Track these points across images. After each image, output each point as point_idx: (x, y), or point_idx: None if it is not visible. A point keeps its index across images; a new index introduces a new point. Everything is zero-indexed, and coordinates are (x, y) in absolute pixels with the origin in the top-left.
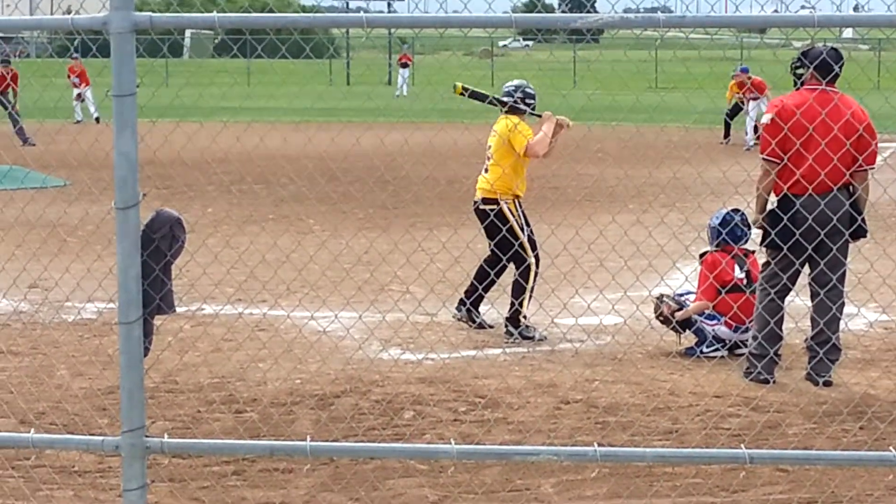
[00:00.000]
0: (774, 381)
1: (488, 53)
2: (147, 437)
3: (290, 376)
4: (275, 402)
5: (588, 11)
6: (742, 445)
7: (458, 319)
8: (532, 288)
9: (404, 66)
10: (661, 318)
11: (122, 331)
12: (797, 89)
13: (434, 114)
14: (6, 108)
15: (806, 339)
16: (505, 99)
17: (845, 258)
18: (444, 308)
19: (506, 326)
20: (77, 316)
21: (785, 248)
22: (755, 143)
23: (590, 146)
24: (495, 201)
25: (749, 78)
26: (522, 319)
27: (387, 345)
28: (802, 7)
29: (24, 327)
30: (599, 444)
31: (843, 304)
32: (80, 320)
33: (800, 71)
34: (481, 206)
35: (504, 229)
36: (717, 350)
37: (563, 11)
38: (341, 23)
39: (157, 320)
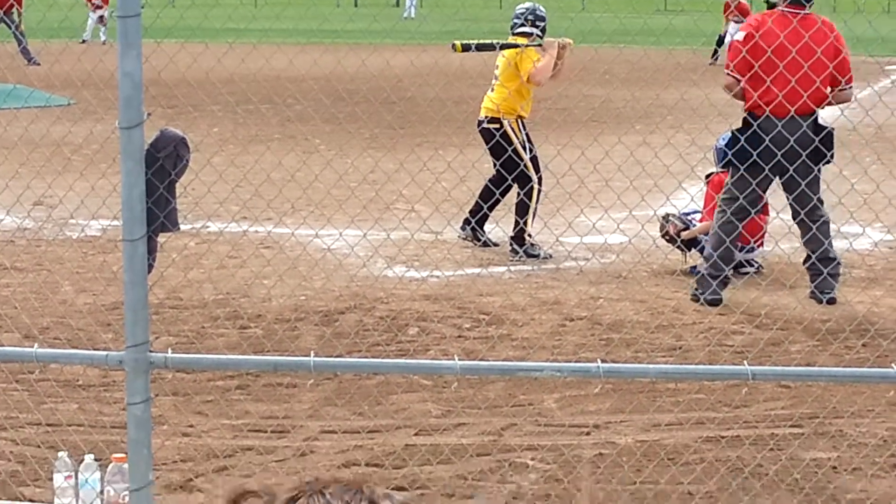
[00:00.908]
0: (724, 304)
1: None
2: (151, 352)
3: (294, 293)
4: (279, 319)
5: None
6: (745, 362)
7: (463, 238)
8: (536, 207)
9: None
10: (667, 237)
11: (127, 248)
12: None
13: (442, 36)
14: (10, 28)
15: (804, 262)
16: (515, 21)
17: (815, 178)
18: (449, 226)
19: (511, 245)
20: (81, 233)
21: (743, 169)
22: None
23: (597, 68)
24: (499, 121)
25: (735, 0)
26: (527, 238)
27: (391, 262)
28: None
29: (29, 244)
30: (603, 361)
31: (826, 221)
32: (85, 237)
33: None
34: (485, 125)
35: (508, 150)
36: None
37: None
38: None
39: (162, 238)
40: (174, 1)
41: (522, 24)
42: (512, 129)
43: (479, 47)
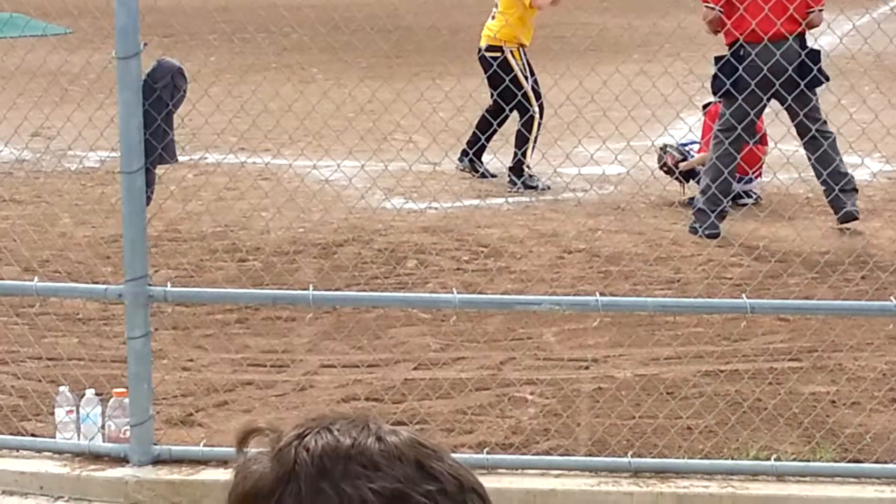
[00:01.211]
0: (722, 236)
1: None
2: (150, 285)
3: (292, 225)
4: (277, 251)
5: None
6: (744, 295)
7: (461, 170)
8: (535, 138)
9: None
10: (665, 168)
11: (125, 180)
12: None
13: None
14: None
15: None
16: None
17: (815, 102)
18: (447, 158)
19: (509, 176)
20: (80, 164)
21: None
22: None
23: None
24: (499, 49)
25: None
26: (526, 169)
27: (389, 194)
28: None
29: (27, 176)
30: (601, 294)
31: (832, 139)
32: (83, 169)
33: None
34: (485, 54)
35: (507, 78)
36: None
37: None
38: None
39: (160, 170)
40: None
41: None
42: (513, 56)
43: None
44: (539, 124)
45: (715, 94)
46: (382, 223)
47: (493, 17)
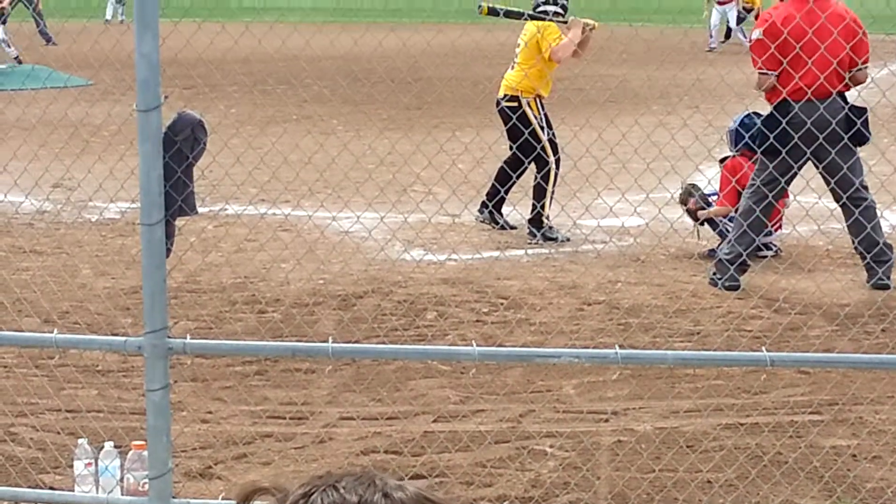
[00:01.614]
0: (742, 288)
1: None
2: (170, 337)
3: (312, 277)
4: (297, 303)
5: None
6: (763, 348)
7: (481, 222)
8: (553, 190)
9: None
10: (685, 209)
11: (145, 232)
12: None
13: (459, 14)
14: (28, 7)
15: (853, 247)
16: (538, 0)
17: (855, 163)
18: (466, 209)
19: (529, 228)
20: (100, 216)
21: (783, 152)
22: (718, 45)
23: (614, 48)
24: (517, 99)
25: None
26: (545, 221)
27: (409, 245)
28: None
29: (48, 227)
30: (621, 346)
31: (870, 206)
32: (104, 220)
33: None
34: (503, 105)
35: (526, 131)
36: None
37: None
38: None
39: (180, 221)
40: None
41: (545, 3)
42: (530, 108)
43: (507, 14)
44: (556, 176)
45: (759, 149)
46: (402, 275)
47: (513, 68)
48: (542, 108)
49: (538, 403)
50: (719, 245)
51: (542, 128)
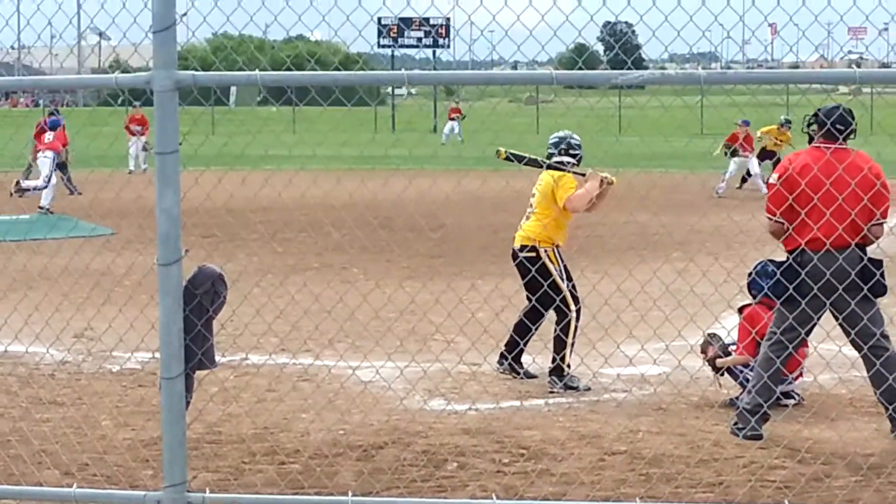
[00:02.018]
0: (765, 438)
1: (533, 100)
2: (189, 492)
3: (333, 427)
4: (317, 454)
5: (633, 62)
6: (786, 500)
7: (501, 372)
8: (574, 341)
9: (453, 118)
10: (705, 358)
11: (164, 386)
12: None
13: (480, 162)
14: (64, 172)
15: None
16: (550, 151)
17: (875, 313)
18: (486, 360)
19: (550, 377)
20: (121, 367)
21: (800, 302)
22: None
23: (634, 194)
24: (535, 249)
25: (744, 133)
26: (566, 369)
27: (429, 396)
28: (850, 52)
29: (69, 378)
30: (642, 498)
31: (892, 355)
32: (124, 370)
33: (813, 128)
34: (522, 257)
35: (546, 283)
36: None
37: (605, 67)
38: (383, 80)
39: (200, 373)
40: (215, 129)
41: (558, 154)
42: (549, 258)
43: (527, 162)
44: (576, 327)
45: (777, 298)
46: (422, 425)
47: (528, 218)
48: (561, 258)
49: None
50: (740, 395)
51: (562, 277)
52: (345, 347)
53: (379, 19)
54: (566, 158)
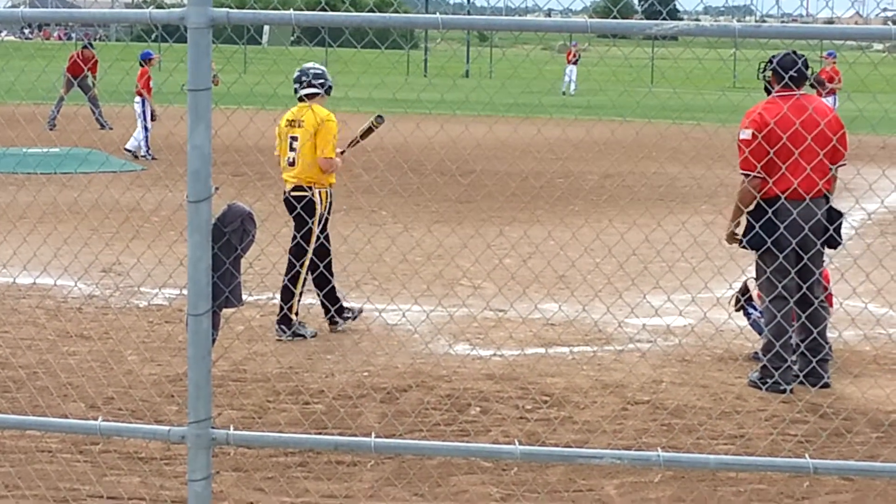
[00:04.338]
0: (791, 391)
1: (566, 48)
2: (213, 428)
3: (357, 369)
4: (341, 395)
5: (667, 13)
6: (807, 455)
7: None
8: (302, 290)
9: (573, 62)
10: (737, 305)
11: (191, 322)
12: (768, 94)
13: (512, 108)
14: (86, 93)
15: (798, 346)
16: (295, 87)
17: (821, 265)
18: (512, 307)
19: (278, 325)
20: (148, 302)
21: (768, 247)
22: None
23: (665, 146)
24: (307, 188)
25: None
26: (294, 318)
27: (455, 341)
28: (885, 9)
29: (96, 312)
30: (664, 448)
31: (824, 305)
32: (151, 306)
33: (767, 75)
34: (292, 195)
35: (310, 221)
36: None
37: (640, 17)
38: (417, 23)
39: (227, 311)
40: (247, 68)
41: (302, 87)
42: (320, 199)
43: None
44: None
45: (754, 247)
46: (446, 370)
47: (293, 163)
48: (331, 198)
49: (579, 503)
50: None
51: (320, 219)
52: (371, 290)
53: None
54: (315, 90)
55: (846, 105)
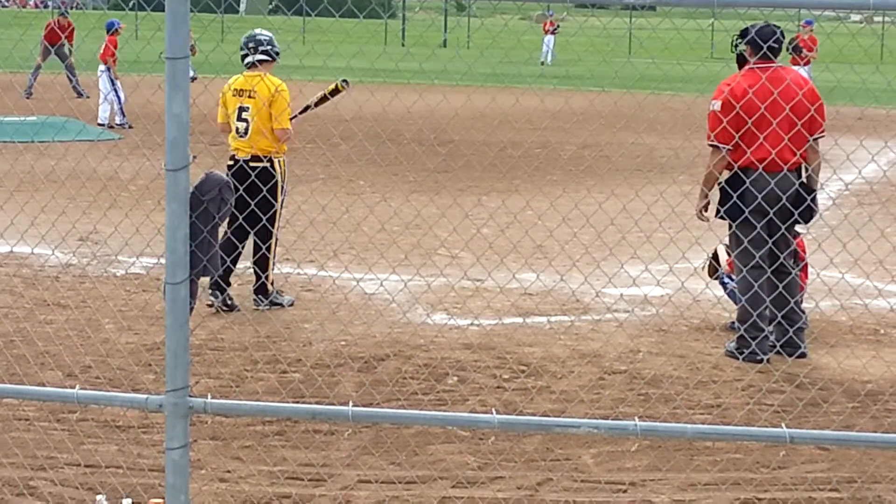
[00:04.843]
0: (768, 361)
1: (543, 18)
2: (191, 396)
3: (335, 338)
4: (319, 364)
5: None
6: (783, 424)
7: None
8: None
9: (551, 32)
10: (709, 260)
11: (169, 291)
12: (741, 67)
13: (490, 78)
14: (62, 61)
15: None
16: (242, 53)
17: (794, 238)
18: (489, 276)
19: (255, 295)
20: (125, 271)
21: (744, 218)
22: None
23: (643, 116)
24: (264, 158)
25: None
26: (271, 286)
27: (432, 310)
28: None
29: (73, 281)
30: (640, 418)
31: (796, 274)
32: (129, 275)
33: (744, 48)
34: (250, 165)
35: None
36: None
37: None
38: None
39: (204, 279)
40: (224, 37)
41: (251, 53)
42: (280, 169)
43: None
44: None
45: (729, 217)
46: (424, 339)
47: (246, 133)
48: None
49: (556, 472)
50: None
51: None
52: (349, 259)
53: None
54: (263, 56)
55: (824, 75)
